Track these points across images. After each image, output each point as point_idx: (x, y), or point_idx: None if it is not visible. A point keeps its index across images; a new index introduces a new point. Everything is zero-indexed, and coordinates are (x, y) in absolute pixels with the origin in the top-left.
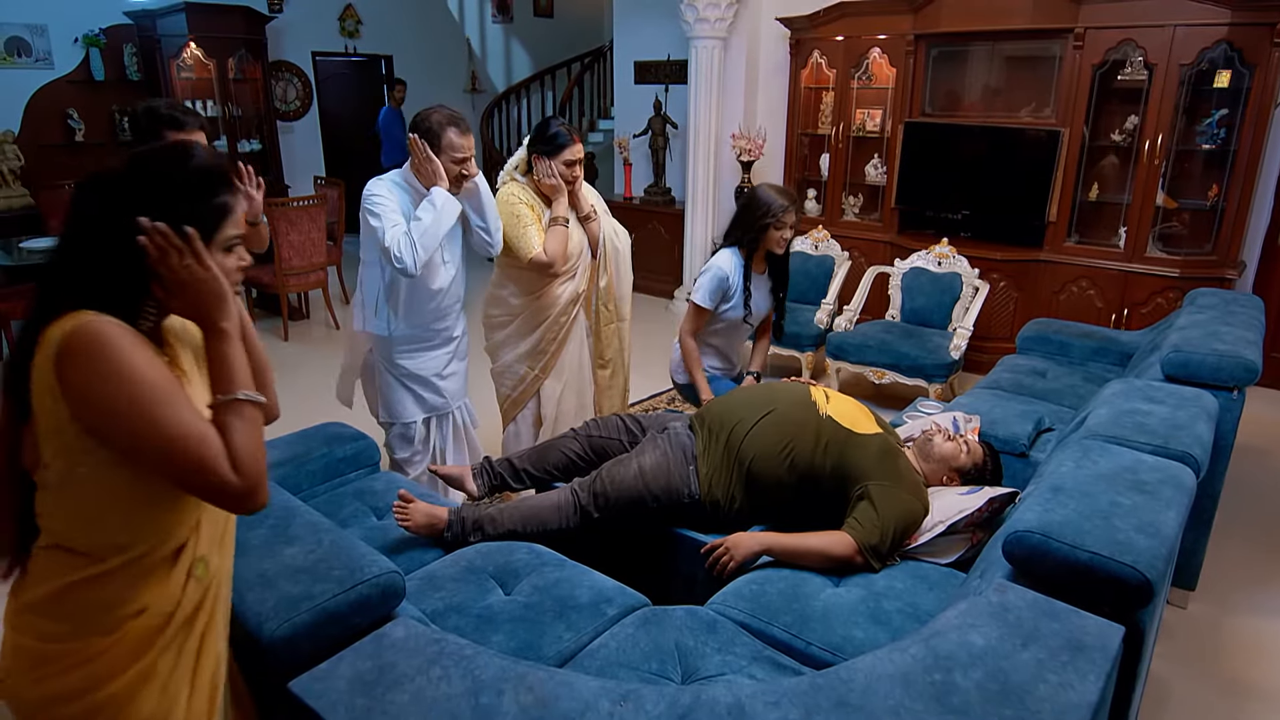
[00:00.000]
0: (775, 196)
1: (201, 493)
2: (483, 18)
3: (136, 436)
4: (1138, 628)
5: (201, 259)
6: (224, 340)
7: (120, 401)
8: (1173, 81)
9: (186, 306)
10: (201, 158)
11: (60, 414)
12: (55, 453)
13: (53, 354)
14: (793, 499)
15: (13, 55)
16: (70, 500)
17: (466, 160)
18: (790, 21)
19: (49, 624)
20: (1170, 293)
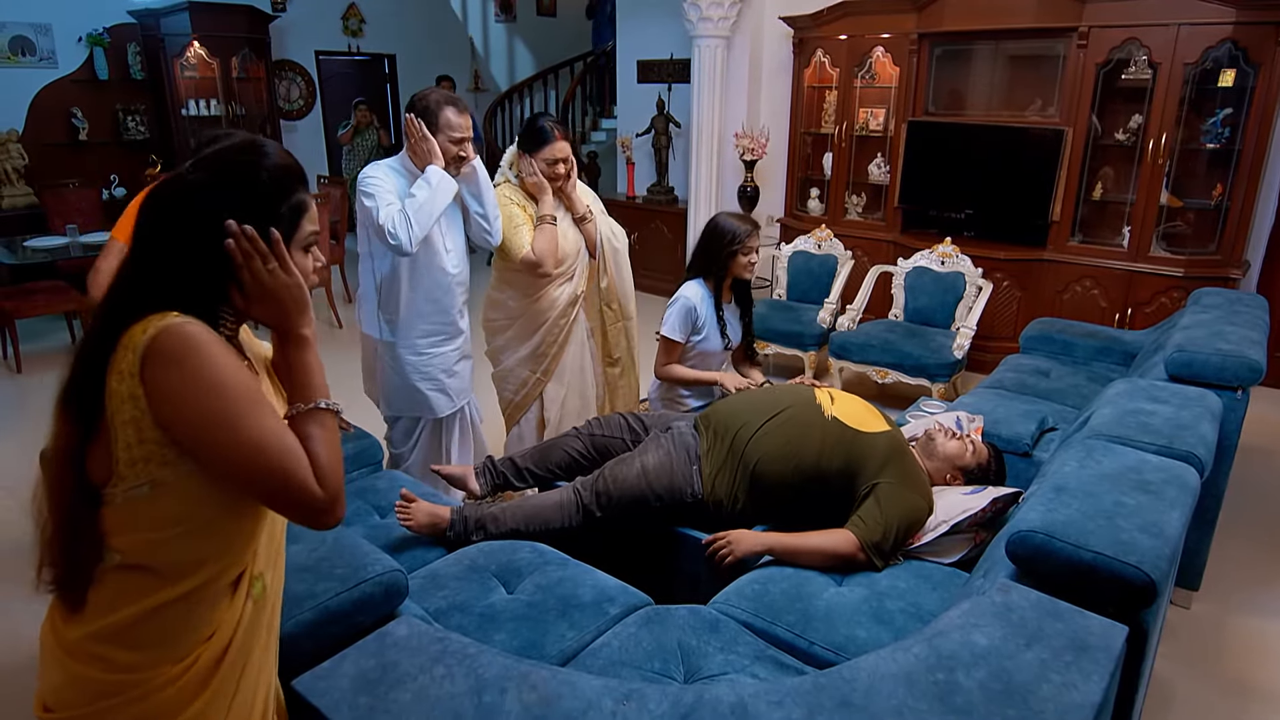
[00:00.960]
0: (736, 224)
1: (283, 505)
2: (486, 17)
3: (222, 445)
4: (1141, 628)
5: (286, 264)
6: (304, 348)
7: (208, 406)
8: (1177, 80)
9: (268, 313)
10: (275, 155)
11: (143, 421)
12: (132, 463)
13: (138, 356)
14: (797, 500)
15: (17, 54)
16: (146, 515)
17: (464, 141)
18: (793, 20)
19: (121, 653)
20: (1174, 292)
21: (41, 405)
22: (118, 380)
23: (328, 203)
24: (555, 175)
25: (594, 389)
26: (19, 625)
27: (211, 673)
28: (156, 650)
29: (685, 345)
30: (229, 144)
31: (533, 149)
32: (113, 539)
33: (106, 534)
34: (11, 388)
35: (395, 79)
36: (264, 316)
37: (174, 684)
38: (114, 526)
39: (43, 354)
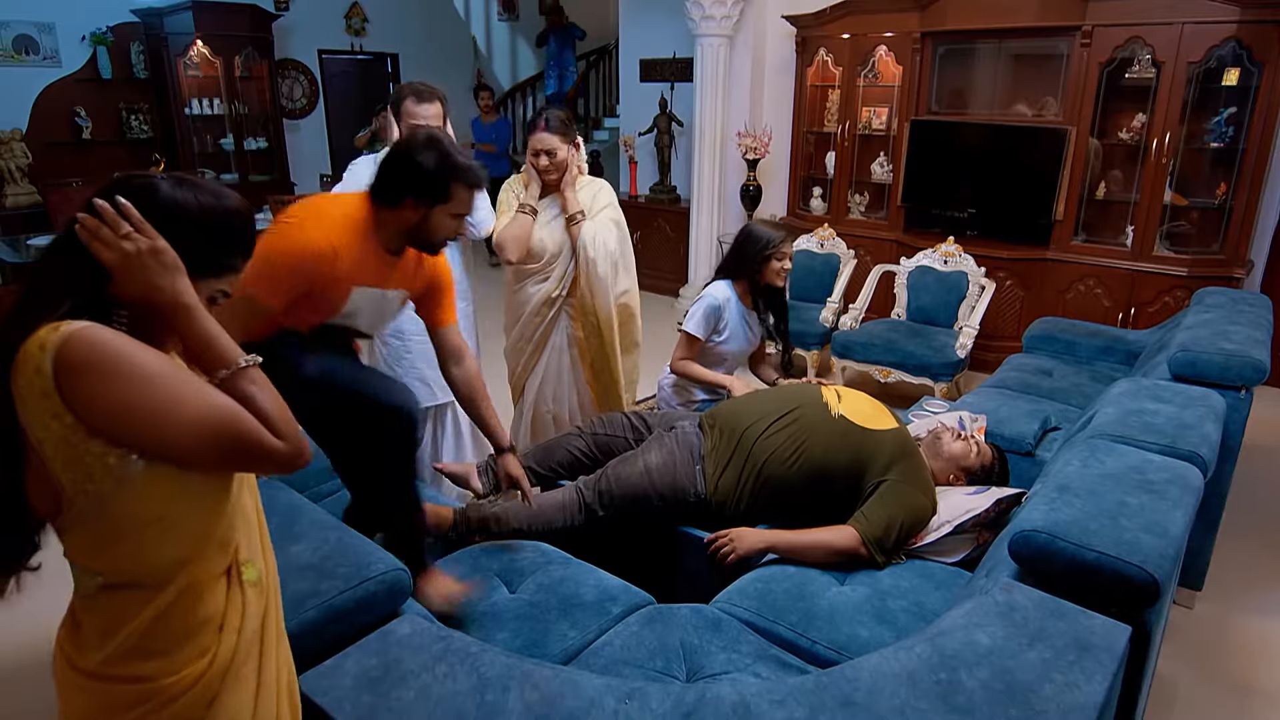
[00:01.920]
0: (770, 230)
1: (250, 465)
2: (488, 16)
3: (170, 432)
4: (1144, 628)
5: (143, 228)
6: (193, 316)
7: (143, 401)
8: (1180, 79)
9: (138, 285)
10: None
11: (74, 437)
12: (75, 482)
13: (48, 373)
14: (803, 500)
15: (20, 53)
16: (111, 528)
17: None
18: (796, 19)
19: (144, 664)
20: (1178, 291)
21: None
22: (32, 403)
23: None
24: (536, 165)
25: (572, 399)
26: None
27: (230, 662)
28: (176, 652)
29: (705, 344)
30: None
31: (525, 134)
32: (88, 562)
33: (80, 559)
34: None
35: (398, 78)
36: (136, 290)
37: (201, 679)
38: (84, 550)
39: None
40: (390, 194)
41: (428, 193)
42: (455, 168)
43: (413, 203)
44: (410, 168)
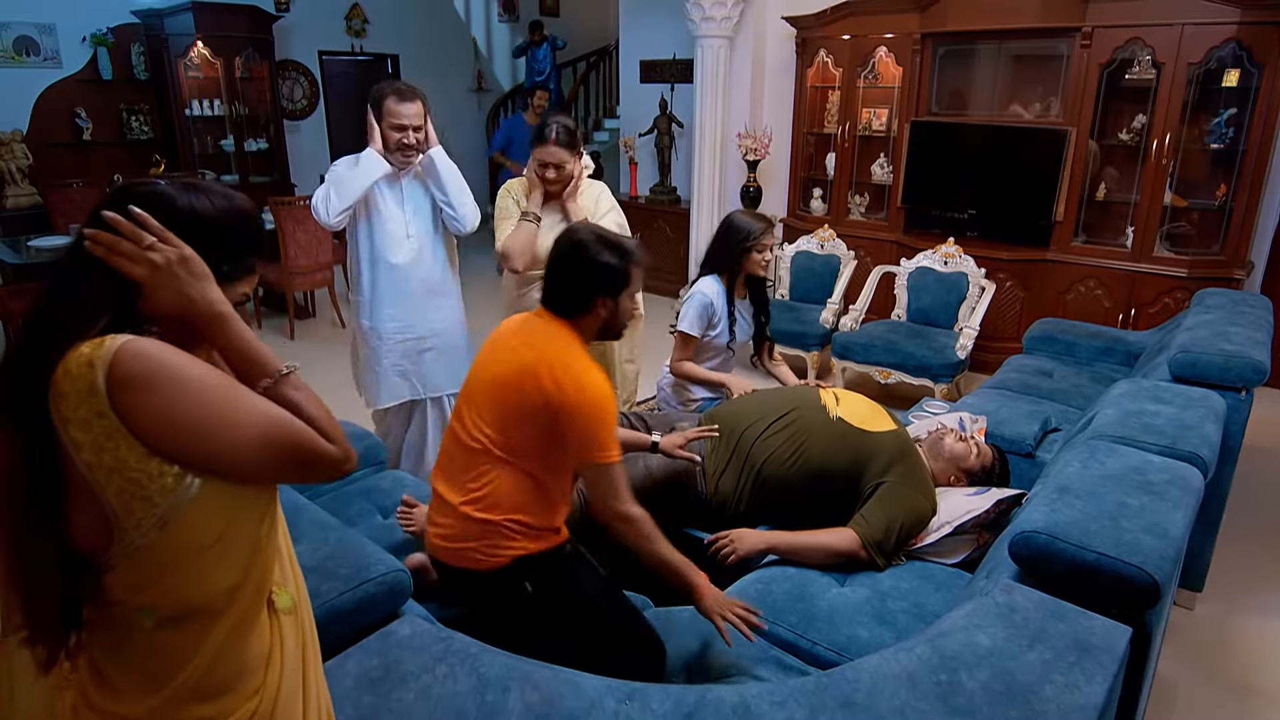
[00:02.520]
0: (751, 221)
1: (306, 474)
2: (489, 17)
3: (230, 443)
4: (1145, 629)
5: (166, 237)
6: (230, 325)
7: (204, 413)
8: (1181, 80)
9: (171, 297)
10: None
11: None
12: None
13: (102, 391)
14: (802, 501)
15: (21, 54)
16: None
17: (407, 129)
18: (796, 20)
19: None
20: (1178, 293)
21: None
22: (82, 430)
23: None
24: (543, 177)
25: None
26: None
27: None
28: (232, 691)
29: (701, 340)
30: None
31: (532, 143)
32: (140, 599)
33: (129, 597)
34: None
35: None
36: (168, 303)
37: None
38: (136, 585)
39: None
40: (582, 303)
41: (616, 287)
42: (629, 253)
43: (604, 300)
44: (596, 270)
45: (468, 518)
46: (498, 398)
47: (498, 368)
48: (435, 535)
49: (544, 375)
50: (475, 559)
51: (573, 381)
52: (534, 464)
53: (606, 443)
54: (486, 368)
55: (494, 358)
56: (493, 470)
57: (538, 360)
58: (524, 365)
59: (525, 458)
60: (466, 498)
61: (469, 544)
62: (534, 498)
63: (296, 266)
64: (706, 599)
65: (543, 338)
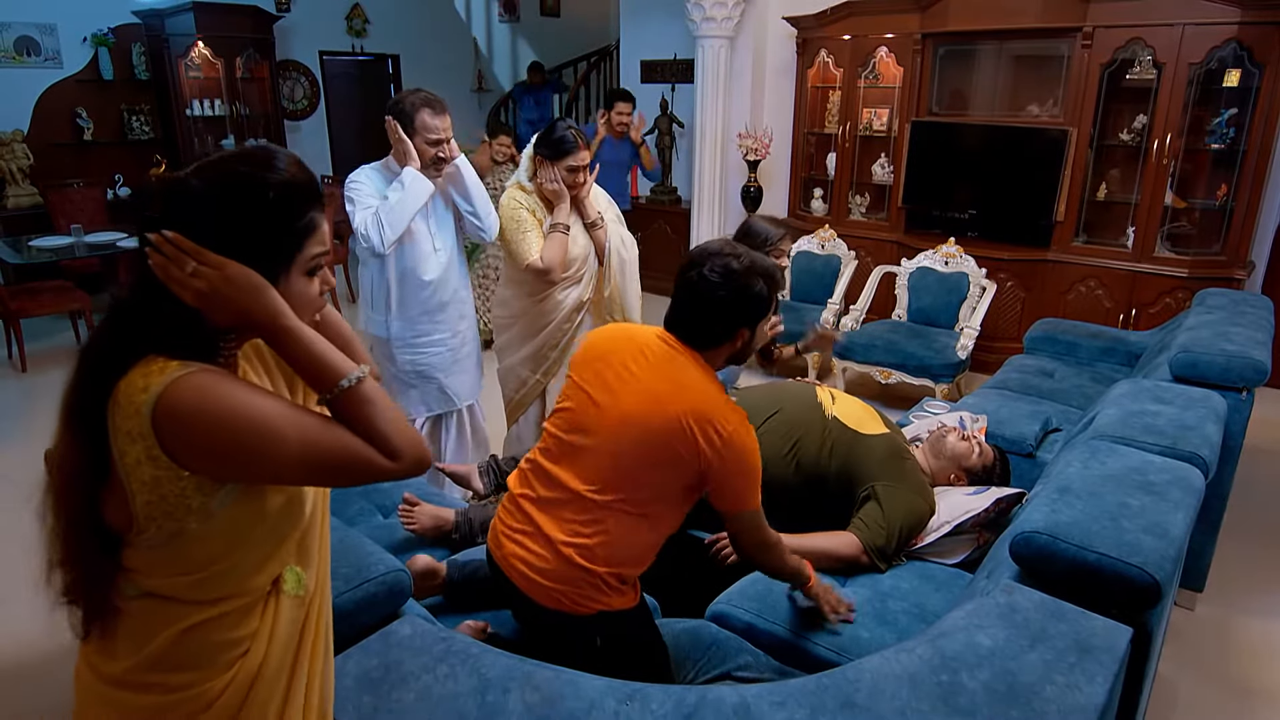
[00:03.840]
0: (771, 226)
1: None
2: (489, 17)
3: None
4: (1145, 629)
5: (203, 257)
6: (291, 337)
7: (249, 443)
8: (1181, 80)
9: (229, 316)
10: (285, 168)
11: (164, 477)
12: (152, 518)
13: (146, 416)
14: (798, 501)
15: (22, 54)
16: (179, 559)
17: (442, 142)
18: (797, 21)
19: (173, 676)
20: (1179, 293)
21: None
22: (128, 442)
23: (332, 203)
24: (576, 184)
25: None
26: (24, 621)
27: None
28: (206, 666)
29: None
30: (236, 151)
31: (555, 157)
32: (142, 579)
33: (131, 569)
34: (17, 387)
35: (399, 79)
36: (228, 321)
37: (226, 690)
38: (143, 567)
39: (47, 353)
40: (725, 334)
41: (760, 316)
42: (776, 279)
43: (744, 331)
44: (748, 301)
45: (569, 561)
46: (635, 442)
47: (631, 404)
48: (519, 560)
49: (697, 432)
50: (562, 603)
51: (729, 440)
52: (659, 508)
53: (756, 495)
54: (613, 398)
55: (621, 387)
56: (609, 520)
57: (687, 412)
58: (674, 415)
59: (653, 503)
60: (572, 540)
61: (560, 586)
62: (641, 550)
63: None
64: (815, 586)
65: (682, 376)
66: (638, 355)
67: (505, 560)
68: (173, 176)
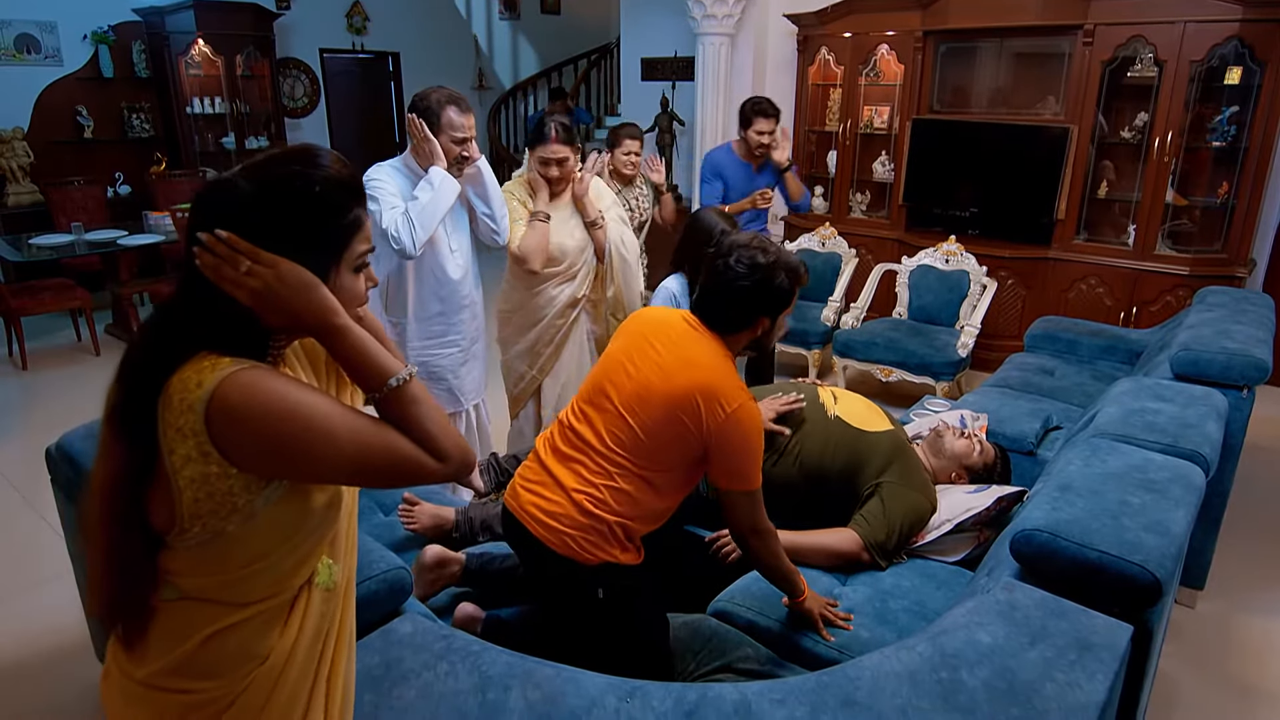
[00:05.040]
0: (718, 220)
1: (404, 483)
2: (490, 15)
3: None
4: (1146, 627)
5: (257, 255)
6: (343, 336)
7: (299, 441)
8: (1183, 78)
9: (281, 316)
10: (330, 166)
11: (212, 475)
12: (198, 516)
13: (200, 417)
14: (800, 499)
15: (22, 52)
16: (219, 559)
17: (467, 140)
18: (798, 18)
19: (201, 682)
20: (1180, 291)
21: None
22: (178, 439)
23: None
24: (546, 176)
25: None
26: (25, 619)
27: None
28: (231, 673)
29: None
30: (280, 151)
31: (531, 145)
32: (175, 577)
33: (168, 571)
34: (17, 385)
35: (399, 77)
36: (283, 319)
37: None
38: (183, 568)
39: (48, 351)
40: (745, 320)
41: (781, 307)
42: (800, 275)
43: (765, 320)
44: (771, 293)
45: (580, 506)
46: (649, 410)
47: (650, 376)
48: (534, 506)
49: (702, 406)
50: (570, 547)
51: (732, 416)
52: (666, 477)
53: (755, 474)
54: (636, 369)
55: (643, 361)
56: (622, 479)
57: (696, 386)
58: (683, 388)
59: (661, 471)
60: (584, 489)
61: (570, 530)
62: (648, 510)
63: None
64: (808, 601)
65: (698, 354)
66: (664, 333)
67: (521, 509)
68: (218, 179)
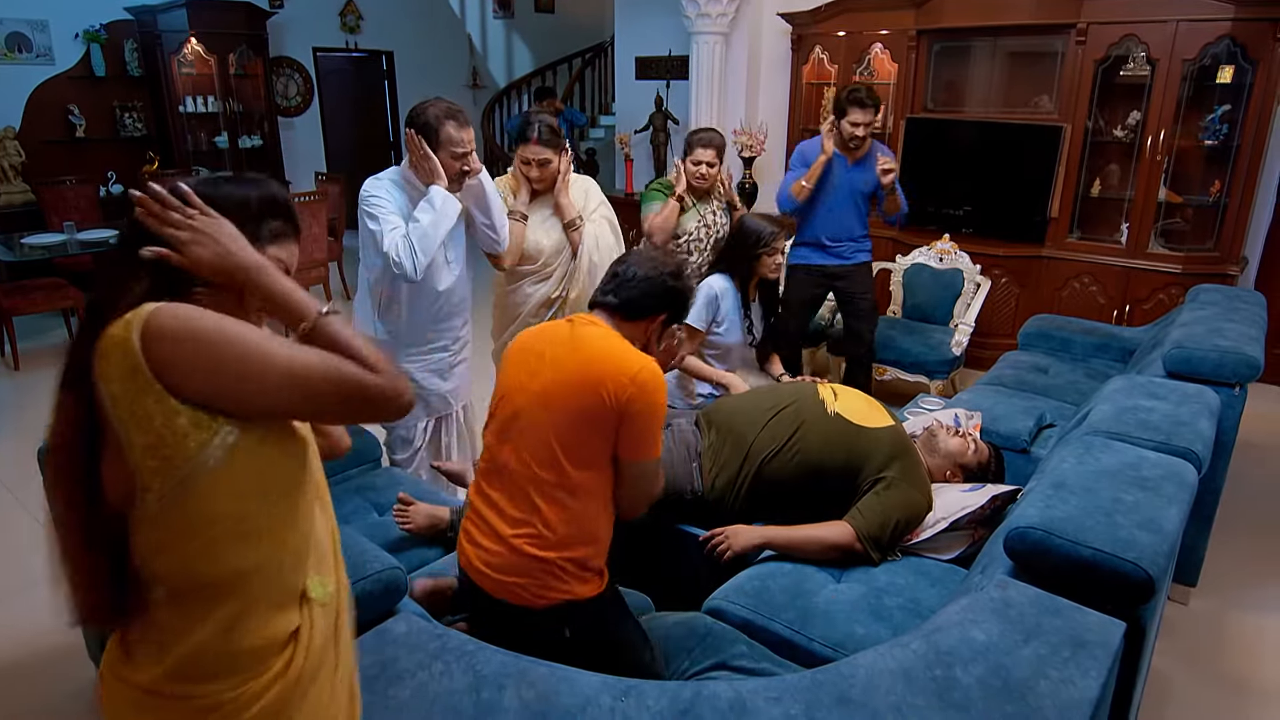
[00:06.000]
0: (765, 224)
1: (357, 410)
2: (484, 13)
3: (270, 385)
4: (1139, 624)
5: (205, 209)
6: (266, 274)
7: (237, 357)
8: (1175, 77)
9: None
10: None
11: (161, 412)
12: (156, 466)
13: (135, 347)
14: (798, 497)
15: (14, 51)
16: (184, 521)
17: (467, 155)
18: (792, 17)
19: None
20: (1172, 289)
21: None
22: (117, 383)
23: (326, 200)
24: (526, 175)
25: None
26: (18, 620)
27: (298, 682)
28: (234, 675)
29: (706, 336)
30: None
31: (515, 143)
32: (152, 566)
33: (146, 560)
34: (9, 385)
35: (393, 76)
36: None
37: (264, 696)
38: (151, 547)
39: (40, 351)
40: (652, 308)
41: (677, 313)
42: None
43: (659, 321)
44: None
45: (519, 551)
46: (556, 410)
47: (549, 376)
48: (480, 561)
49: (609, 376)
50: (522, 597)
51: (634, 380)
52: (590, 477)
53: (657, 444)
54: (532, 379)
55: (539, 368)
56: (547, 503)
57: (598, 357)
58: (584, 366)
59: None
60: (518, 531)
61: (518, 579)
62: (589, 528)
63: None
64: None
65: (590, 335)
66: (548, 336)
67: (470, 565)
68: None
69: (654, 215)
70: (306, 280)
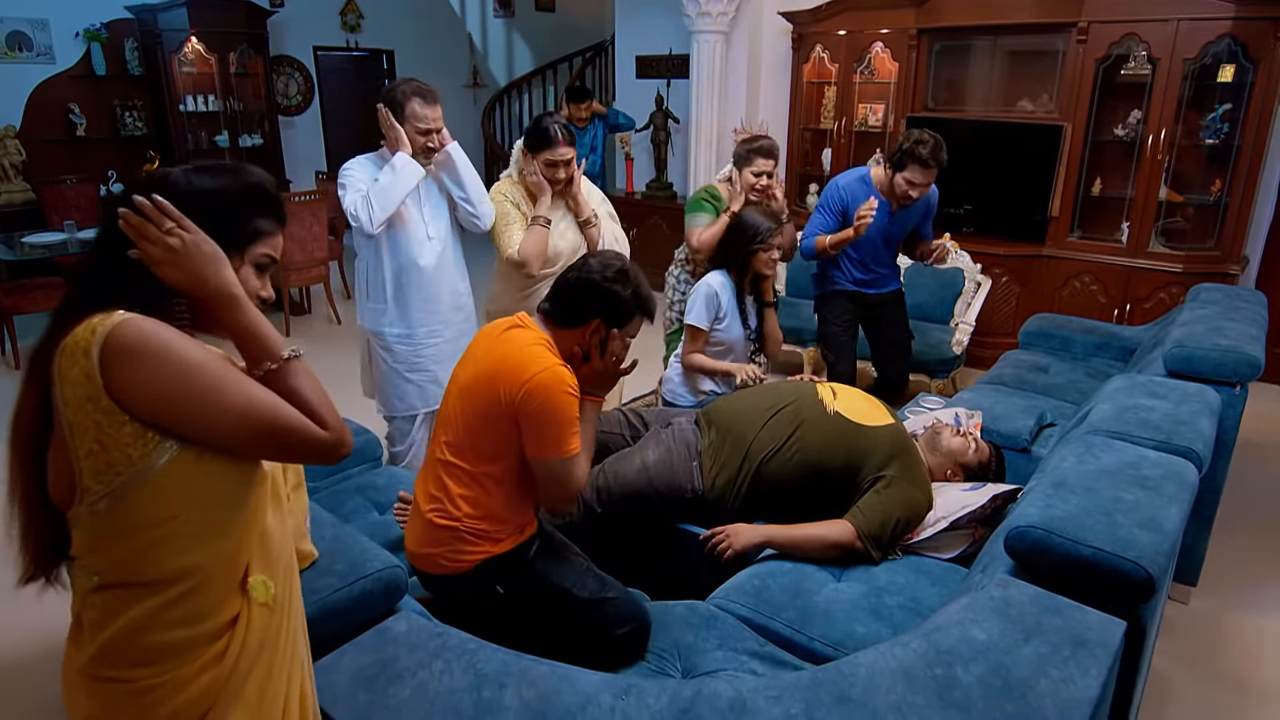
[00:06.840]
0: (761, 219)
1: (293, 455)
2: (484, 12)
3: (213, 418)
4: (1139, 623)
5: (184, 223)
6: (238, 308)
7: (187, 386)
8: (1176, 76)
9: (185, 277)
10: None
11: (107, 422)
12: (96, 473)
13: (94, 356)
14: (798, 496)
15: (14, 50)
16: (122, 522)
17: (431, 131)
18: (792, 16)
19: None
20: (1173, 288)
21: None
22: (71, 387)
23: (326, 199)
24: (554, 179)
25: None
26: (18, 620)
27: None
28: (162, 662)
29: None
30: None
31: (535, 149)
32: (90, 559)
33: (82, 555)
34: (10, 384)
35: (394, 75)
36: (182, 282)
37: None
38: (89, 545)
39: None
40: (584, 313)
41: (616, 317)
42: (644, 300)
43: (600, 323)
44: (612, 298)
45: (431, 524)
46: (468, 405)
47: (468, 374)
48: (409, 541)
49: (504, 379)
50: (440, 564)
51: (532, 386)
52: (498, 467)
53: (563, 444)
54: (459, 375)
55: (464, 367)
56: (457, 484)
57: (500, 360)
58: (487, 368)
59: (489, 462)
60: (430, 506)
61: (434, 549)
62: (493, 502)
63: (292, 262)
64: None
65: (510, 337)
66: (488, 334)
67: (407, 551)
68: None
69: (702, 230)
70: (306, 279)
